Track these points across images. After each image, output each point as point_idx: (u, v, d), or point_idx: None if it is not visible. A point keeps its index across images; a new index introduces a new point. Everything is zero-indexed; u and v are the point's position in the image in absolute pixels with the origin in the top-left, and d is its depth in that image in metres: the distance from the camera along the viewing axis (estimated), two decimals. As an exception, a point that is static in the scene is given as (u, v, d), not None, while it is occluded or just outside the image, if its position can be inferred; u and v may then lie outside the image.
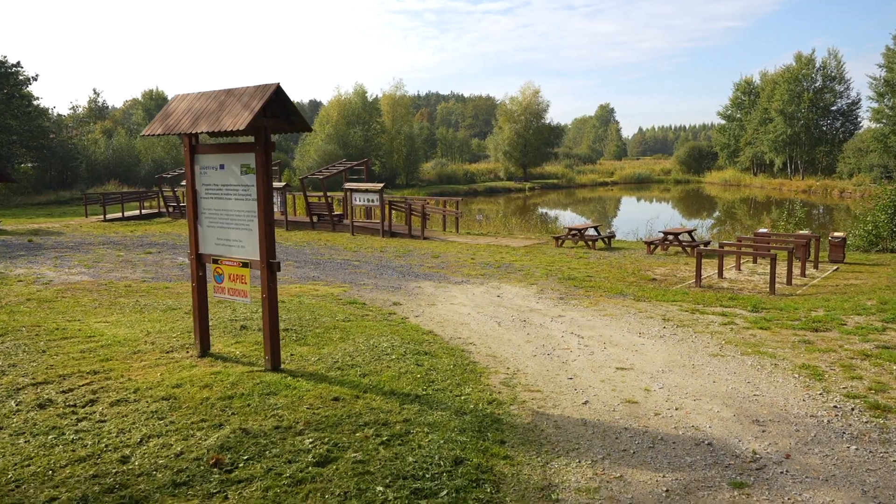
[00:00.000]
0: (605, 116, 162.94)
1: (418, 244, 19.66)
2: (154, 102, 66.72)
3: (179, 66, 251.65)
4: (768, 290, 11.65)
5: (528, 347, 7.61)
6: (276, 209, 25.13)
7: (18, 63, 43.87)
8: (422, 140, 75.30)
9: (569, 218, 37.93)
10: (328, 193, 26.22)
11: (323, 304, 9.84)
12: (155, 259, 16.18)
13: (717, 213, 44.63)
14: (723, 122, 78.15)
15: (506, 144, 72.96)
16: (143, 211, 31.18)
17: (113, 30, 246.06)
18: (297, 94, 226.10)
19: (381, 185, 22.39)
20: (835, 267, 14.55)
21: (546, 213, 43.33)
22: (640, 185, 74.86)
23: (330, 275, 13.49)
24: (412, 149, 64.91)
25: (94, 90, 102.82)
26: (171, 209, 30.46)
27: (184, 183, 28.80)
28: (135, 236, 21.97)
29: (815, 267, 14.47)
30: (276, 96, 5.72)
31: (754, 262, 15.28)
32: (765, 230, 16.46)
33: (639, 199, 58.63)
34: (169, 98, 71.42)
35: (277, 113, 5.88)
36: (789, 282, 12.51)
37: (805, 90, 63.84)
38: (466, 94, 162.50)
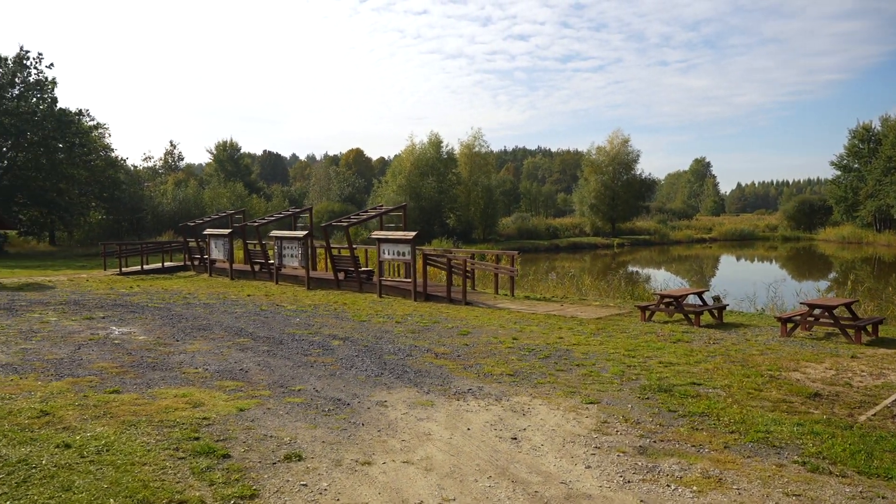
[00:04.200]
0: (701, 171, 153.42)
1: (454, 312, 14.55)
2: (227, 153, 65.73)
3: (268, 124, 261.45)
4: None
5: None
6: (296, 262, 20.81)
7: (81, 111, 42.73)
8: (502, 193, 70.72)
9: (661, 278, 31.54)
10: (355, 246, 21.70)
11: (133, 463, 4.87)
12: (78, 329, 11.82)
13: (833, 274, 37.00)
14: (837, 173, 69.16)
15: (592, 197, 67.06)
16: (165, 264, 27.68)
17: (196, 83, 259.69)
18: (386, 151, 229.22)
19: (413, 234, 17.52)
20: None
21: (635, 271, 37.16)
22: (741, 241, 66.82)
23: (269, 367, 8.56)
24: (490, 201, 60.13)
25: (171, 142, 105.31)
26: (194, 262, 26.80)
27: (208, 231, 25.27)
28: (125, 293, 18.01)
29: None
30: None
31: (979, 360, 9.19)
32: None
33: (739, 258, 51.01)
34: (242, 150, 70.85)
35: None
36: None
37: (943, 134, 54.95)
38: (554, 149, 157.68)
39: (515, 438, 5.66)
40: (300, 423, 5.99)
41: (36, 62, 39.48)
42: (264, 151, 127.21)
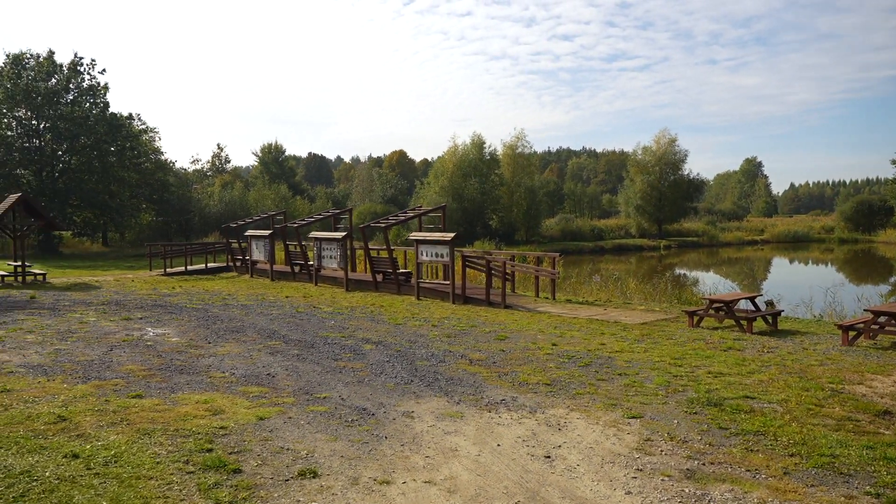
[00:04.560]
0: (752, 171, 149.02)
1: (492, 315, 14.14)
2: (271, 156, 66.55)
3: (311, 127, 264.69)
4: None
5: None
6: (335, 264, 20.67)
7: (131, 115, 43.76)
8: (545, 194, 69.85)
9: (710, 282, 30.38)
10: (396, 247, 21.45)
11: (139, 477, 4.61)
12: (114, 329, 11.82)
13: (895, 278, 35.05)
14: (899, 171, 66.13)
15: (638, 198, 65.57)
16: (208, 265, 27.99)
17: (243, 87, 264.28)
18: (429, 153, 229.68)
19: (452, 235, 17.16)
20: None
21: (683, 274, 36.03)
22: (795, 244, 64.39)
23: (297, 372, 8.30)
24: (533, 203, 59.38)
25: (218, 145, 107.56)
26: (236, 263, 26.99)
27: (249, 233, 25.40)
28: (166, 293, 18.15)
29: None
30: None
31: None
32: None
33: (792, 261, 48.99)
34: (287, 152, 71.65)
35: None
36: None
37: None
38: (599, 150, 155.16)
39: (549, 457, 5.22)
40: (320, 435, 5.67)
41: (89, 68, 40.54)
42: (309, 154, 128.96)
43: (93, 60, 41.02)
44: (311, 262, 21.93)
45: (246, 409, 6.47)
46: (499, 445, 5.47)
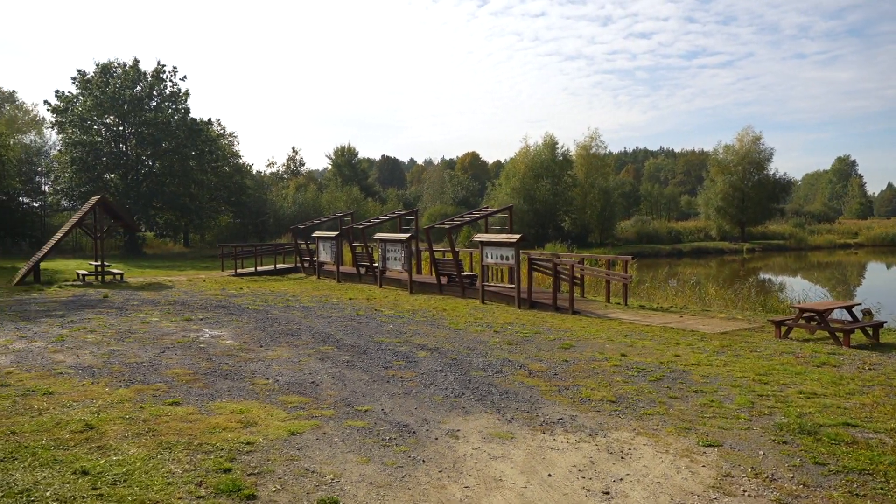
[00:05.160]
0: (845, 170, 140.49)
1: (559, 322, 13.38)
2: (344, 158, 67.43)
3: (387, 130, 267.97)
4: None
5: None
6: (399, 266, 20.33)
7: (209, 120, 45.13)
8: (620, 195, 67.79)
9: (799, 288, 28.21)
10: (463, 249, 20.88)
11: (144, 500, 4.20)
12: (173, 330, 11.79)
13: None
14: None
15: (718, 199, 62.58)
16: (277, 266, 28.30)
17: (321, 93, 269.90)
18: (502, 154, 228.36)
19: (518, 236, 16.45)
20: None
21: (768, 279, 33.89)
22: (894, 247, 59.90)
23: (342, 381, 7.85)
24: (607, 204, 57.66)
25: (293, 149, 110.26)
26: (304, 264, 27.14)
27: (316, 234, 25.46)
28: (233, 293, 18.29)
29: None
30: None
31: None
32: None
33: (890, 266, 45.33)
34: (359, 155, 72.51)
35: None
36: None
37: None
38: (677, 150, 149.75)
39: (608, 493, 4.51)
40: (352, 455, 5.15)
41: (171, 75, 42.02)
42: (382, 156, 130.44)
43: (174, 68, 42.54)
44: (377, 264, 21.69)
45: (280, 421, 6.05)
46: (550, 475, 4.80)
